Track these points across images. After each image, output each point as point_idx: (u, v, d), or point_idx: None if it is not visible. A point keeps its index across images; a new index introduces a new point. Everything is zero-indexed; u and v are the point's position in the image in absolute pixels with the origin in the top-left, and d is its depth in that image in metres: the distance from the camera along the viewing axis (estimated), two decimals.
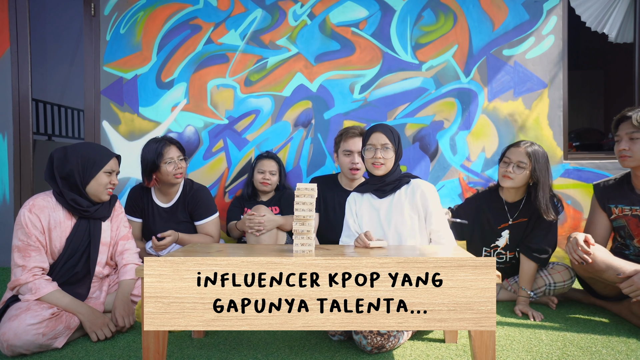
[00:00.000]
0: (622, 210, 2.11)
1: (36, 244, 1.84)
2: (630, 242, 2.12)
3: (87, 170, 1.93)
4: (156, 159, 2.44)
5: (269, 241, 2.44)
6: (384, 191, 1.99)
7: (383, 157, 1.94)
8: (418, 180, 2.00)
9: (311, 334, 1.90)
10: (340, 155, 2.65)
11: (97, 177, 1.95)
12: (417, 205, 1.95)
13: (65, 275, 1.92)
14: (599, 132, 5.68)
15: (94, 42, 3.31)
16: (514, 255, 2.37)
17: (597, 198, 2.21)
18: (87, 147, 1.99)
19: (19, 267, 1.81)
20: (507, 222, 2.31)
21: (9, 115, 3.34)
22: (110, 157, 2.01)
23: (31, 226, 1.84)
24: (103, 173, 1.96)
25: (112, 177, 2.01)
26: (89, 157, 1.95)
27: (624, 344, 1.77)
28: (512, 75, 3.12)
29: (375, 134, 1.97)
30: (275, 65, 3.22)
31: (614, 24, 3.22)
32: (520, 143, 2.22)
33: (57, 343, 1.74)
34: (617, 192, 2.15)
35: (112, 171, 2.00)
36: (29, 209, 1.86)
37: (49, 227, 1.89)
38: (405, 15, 3.16)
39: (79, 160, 1.93)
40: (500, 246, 2.36)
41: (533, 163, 2.15)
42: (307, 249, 1.63)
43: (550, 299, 2.28)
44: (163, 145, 2.46)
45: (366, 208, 2.04)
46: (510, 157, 2.20)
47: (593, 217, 2.23)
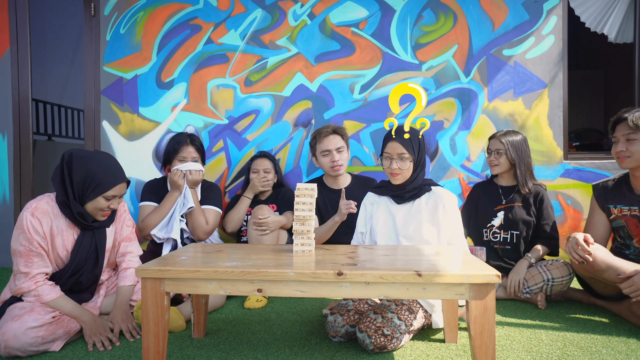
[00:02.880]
0: (621, 210, 2.12)
1: (38, 250, 1.78)
2: (630, 242, 2.12)
3: (87, 190, 1.82)
4: (171, 154, 2.51)
5: (271, 241, 2.44)
6: (403, 197, 1.96)
7: (400, 167, 1.90)
8: (440, 190, 1.94)
9: (311, 335, 1.90)
10: (319, 157, 2.68)
11: (95, 200, 1.83)
12: (438, 218, 1.90)
13: (71, 284, 1.89)
14: (599, 132, 5.68)
15: (94, 42, 3.31)
16: (508, 235, 2.51)
17: (596, 198, 2.22)
18: (96, 163, 1.82)
19: (22, 274, 1.77)
20: (501, 204, 2.52)
21: (9, 115, 3.34)
22: (116, 183, 1.85)
23: (33, 231, 1.76)
24: (102, 198, 1.83)
25: (113, 202, 1.87)
26: (93, 177, 1.80)
27: (624, 344, 1.77)
28: (512, 75, 3.12)
29: (391, 143, 1.92)
30: (275, 65, 3.22)
31: (613, 24, 3.22)
32: (496, 134, 2.54)
33: (54, 347, 1.71)
34: (616, 193, 2.16)
35: (114, 196, 1.86)
36: (32, 212, 1.78)
37: (52, 233, 1.82)
38: (405, 15, 3.16)
39: (82, 177, 1.80)
40: (495, 225, 2.53)
41: (506, 146, 2.45)
42: (307, 249, 1.63)
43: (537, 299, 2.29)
44: (182, 143, 2.51)
45: (382, 212, 2.00)
46: (490, 147, 2.54)
47: (592, 218, 2.23)
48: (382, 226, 1.98)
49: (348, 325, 1.78)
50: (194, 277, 1.40)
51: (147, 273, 1.41)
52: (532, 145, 3.06)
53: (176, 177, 2.44)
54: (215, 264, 1.46)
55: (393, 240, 1.95)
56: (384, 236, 1.97)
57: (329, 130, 2.66)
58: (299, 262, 1.49)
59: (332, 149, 2.61)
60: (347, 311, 1.82)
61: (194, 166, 2.49)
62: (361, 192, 2.75)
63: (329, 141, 2.62)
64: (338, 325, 1.78)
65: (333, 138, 2.63)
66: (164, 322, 1.44)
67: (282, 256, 1.61)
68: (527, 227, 2.46)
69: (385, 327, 1.67)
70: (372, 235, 2.02)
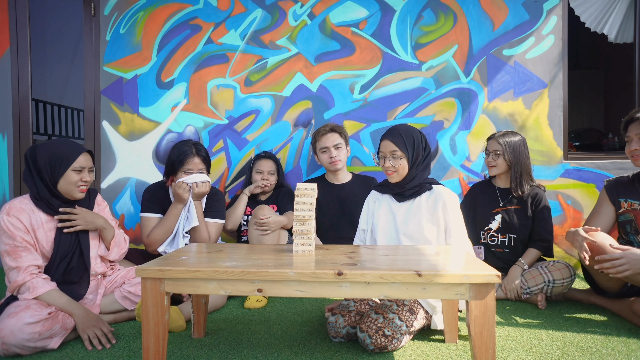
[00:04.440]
0: (632, 204, 2.15)
1: (23, 244, 1.81)
2: (635, 238, 2.13)
3: (55, 169, 1.87)
4: (176, 165, 2.39)
5: (272, 241, 2.45)
6: (403, 195, 1.96)
7: (392, 165, 1.91)
8: (441, 189, 1.93)
9: (311, 335, 1.90)
10: (319, 154, 2.88)
11: (65, 176, 1.88)
12: (437, 216, 1.90)
13: (63, 275, 1.91)
14: (599, 132, 5.68)
15: (94, 42, 3.31)
16: (505, 238, 2.50)
17: (607, 190, 2.24)
18: (55, 144, 1.91)
19: (13, 270, 1.79)
20: (498, 207, 2.52)
21: (9, 115, 3.34)
22: (79, 153, 1.91)
23: (13, 228, 1.80)
24: (72, 171, 1.89)
25: (84, 174, 1.93)
26: (56, 154, 1.88)
27: (624, 344, 1.77)
28: (512, 75, 3.12)
29: (383, 142, 1.94)
30: (275, 65, 3.22)
31: (613, 24, 3.22)
32: (494, 134, 2.53)
33: (53, 344, 1.71)
34: (628, 187, 2.19)
35: (83, 168, 1.92)
36: (7, 212, 1.82)
37: (32, 227, 1.86)
38: (405, 15, 3.16)
39: (46, 159, 1.87)
40: (493, 229, 2.53)
41: (504, 147, 2.44)
42: (307, 249, 1.63)
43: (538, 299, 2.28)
44: (188, 155, 2.38)
45: (384, 210, 2.01)
46: (488, 148, 2.53)
47: (599, 208, 2.25)
48: (383, 224, 1.99)
49: (349, 326, 1.78)
50: (194, 277, 1.40)
51: (147, 273, 1.41)
52: (532, 145, 3.06)
53: (181, 190, 2.34)
54: (215, 264, 1.46)
55: (393, 238, 1.95)
56: (385, 234, 1.97)
57: (327, 129, 2.84)
58: (299, 262, 1.49)
59: (330, 146, 2.80)
60: (349, 312, 1.82)
61: (200, 178, 2.38)
62: (361, 188, 2.82)
63: (327, 139, 2.81)
64: (339, 326, 1.78)
65: (331, 136, 2.81)
66: (164, 322, 1.44)
67: (282, 256, 1.61)
68: (525, 229, 2.45)
69: (387, 327, 1.67)
70: (373, 232, 2.02)
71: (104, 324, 1.84)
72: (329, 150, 2.80)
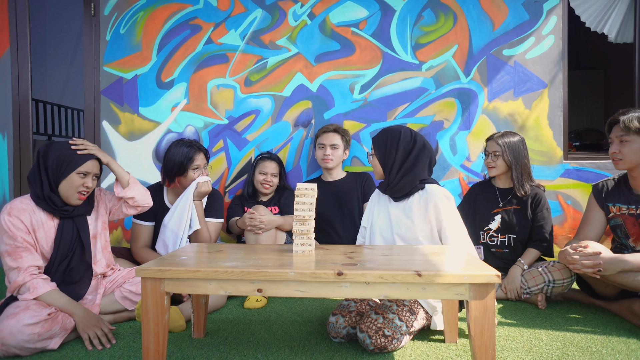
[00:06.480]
0: (620, 209, 2.14)
1: (24, 245, 1.81)
2: (627, 242, 2.13)
3: (60, 168, 1.86)
4: (185, 163, 2.40)
5: (267, 241, 2.45)
6: (394, 195, 1.97)
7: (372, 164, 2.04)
8: (433, 188, 1.91)
9: (311, 335, 1.90)
10: (316, 149, 2.99)
11: (69, 178, 1.87)
12: (429, 216, 1.89)
13: (63, 276, 1.91)
14: (599, 132, 5.68)
15: (94, 42, 3.31)
16: (505, 238, 2.51)
17: (595, 196, 2.23)
18: (69, 144, 1.91)
19: (14, 270, 1.79)
20: (498, 207, 2.53)
21: (9, 115, 3.34)
22: (88, 157, 1.91)
23: (14, 228, 1.80)
24: (76, 174, 1.88)
25: (87, 179, 1.91)
26: (66, 154, 1.87)
27: (624, 344, 1.77)
28: (512, 75, 3.12)
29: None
30: (275, 65, 3.22)
31: (613, 24, 3.22)
32: (494, 135, 2.53)
33: (52, 344, 1.71)
34: (615, 192, 2.17)
35: (88, 173, 1.91)
36: (8, 212, 1.82)
37: (33, 227, 1.85)
38: (405, 15, 3.16)
39: (56, 157, 1.86)
40: (492, 229, 2.54)
41: (503, 148, 2.44)
42: (307, 249, 1.63)
43: (538, 299, 2.29)
44: (194, 151, 2.43)
45: (382, 208, 2.03)
46: (488, 149, 2.53)
47: (589, 215, 2.24)
48: (380, 223, 2.01)
49: (349, 326, 1.78)
50: (194, 277, 1.40)
51: (147, 273, 1.41)
52: (532, 145, 3.06)
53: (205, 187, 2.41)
54: (215, 264, 1.46)
55: (389, 237, 1.96)
56: (381, 233, 1.99)
57: (330, 129, 2.95)
58: (299, 262, 1.49)
59: (327, 144, 2.91)
60: (349, 312, 1.82)
61: (204, 178, 2.43)
62: (354, 183, 2.96)
63: (327, 137, 2.92)
64: (340, 326, 1.78)
65: (332, 135, 2.91)
66: (164, 322, 1.44)
67: (282, 256, 1.61)
68: (525, 230, 2.45)
69: (386, 328, 1.68)
70: (371, 231, 2.04)
71: (104, 324, 1.83)
72: (324, 148, 2.91)
